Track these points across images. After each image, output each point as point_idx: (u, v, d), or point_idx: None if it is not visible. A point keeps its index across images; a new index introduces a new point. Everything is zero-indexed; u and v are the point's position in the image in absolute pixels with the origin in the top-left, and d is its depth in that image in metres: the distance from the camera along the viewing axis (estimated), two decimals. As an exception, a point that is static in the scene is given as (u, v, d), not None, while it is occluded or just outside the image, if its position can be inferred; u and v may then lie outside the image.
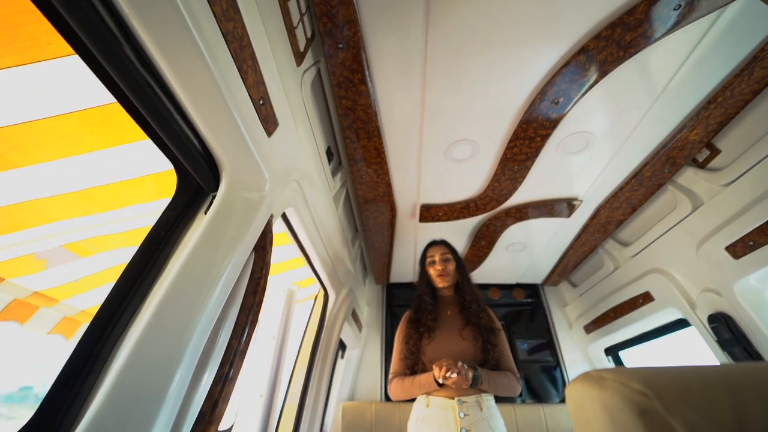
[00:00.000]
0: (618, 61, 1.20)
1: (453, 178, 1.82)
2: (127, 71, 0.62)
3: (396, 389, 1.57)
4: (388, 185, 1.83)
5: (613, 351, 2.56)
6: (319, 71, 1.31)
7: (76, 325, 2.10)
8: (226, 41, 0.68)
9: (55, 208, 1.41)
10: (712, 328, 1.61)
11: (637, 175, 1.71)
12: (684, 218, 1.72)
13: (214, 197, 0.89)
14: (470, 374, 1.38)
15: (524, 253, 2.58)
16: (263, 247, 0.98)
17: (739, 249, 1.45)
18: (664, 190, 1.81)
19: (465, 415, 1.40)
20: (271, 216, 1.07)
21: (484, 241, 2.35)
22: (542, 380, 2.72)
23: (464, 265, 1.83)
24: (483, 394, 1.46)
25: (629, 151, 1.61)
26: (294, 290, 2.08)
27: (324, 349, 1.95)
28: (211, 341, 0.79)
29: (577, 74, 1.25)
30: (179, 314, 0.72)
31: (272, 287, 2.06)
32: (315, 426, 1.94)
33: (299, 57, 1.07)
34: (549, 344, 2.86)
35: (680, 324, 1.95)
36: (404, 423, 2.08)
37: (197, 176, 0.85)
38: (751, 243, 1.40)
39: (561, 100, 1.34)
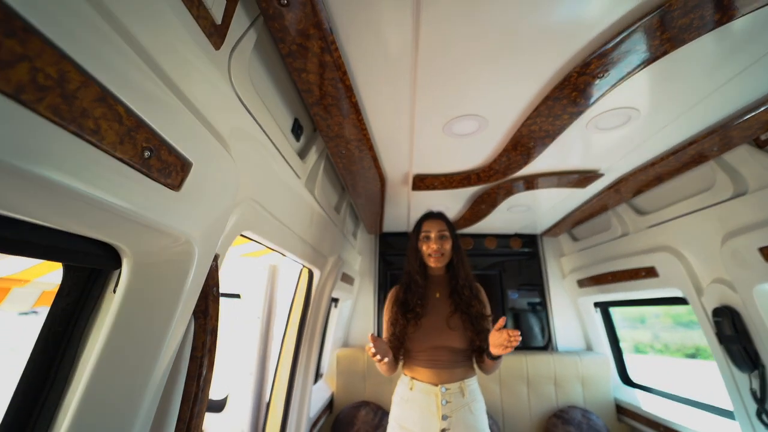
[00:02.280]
0: (706, 26, 0.80)
1: (452, 151, 1.50)
2: None
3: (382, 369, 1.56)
4: (374, 159, 1.52)
5: (602, 305, 2.59)
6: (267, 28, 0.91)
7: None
8: (39, 91, 0.37)
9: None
10: (716, 322, 1.53)
11: (678, 152, 1.39)
12: (719, 203, 1.47)
13: (120, 272, 0.66)
14: None
15: (527, 213, 2.38)
16: (204, 311, 0.79)
17: (776, 253, 1.25)
18: (704, 164, 1.51)
19: (447, 402, 1.41)
20: (216, 258, 0.85)
21: (484, 205, 2.13)
22: (529, 326, 2.83)
23: (461, 244, 1.65)
24: (466, 380, 1.47)
25: (677, 129, 1.27)
26: (276, 265, 1.96)
27: (312, 321, 1.92)
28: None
29: (640, 42, 0.85)
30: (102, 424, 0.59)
31: (252, 265, 1.93)
32: (310, 369, 1.97)
33: (218, 35, 0.69)
34: (539, 291, 2.90)
35: (679, 300, 1.88)
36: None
37: (88, 264, 0.61)
38: (794, 251, 1.20)
39: (608, 74, 0.96)
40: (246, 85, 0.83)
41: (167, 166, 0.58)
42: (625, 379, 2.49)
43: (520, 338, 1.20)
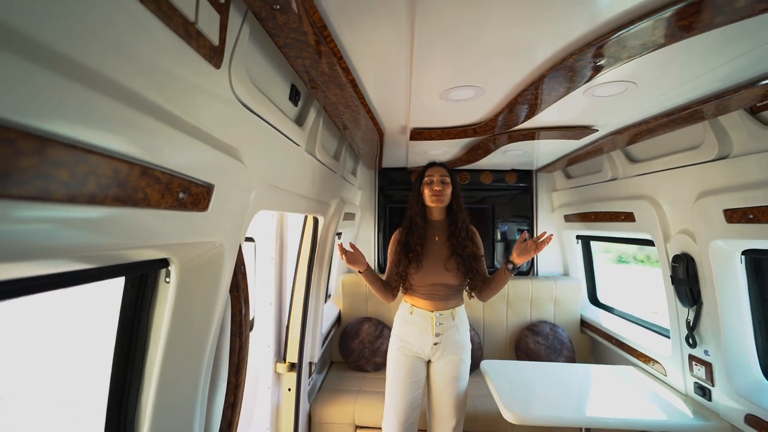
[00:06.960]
0: (714, 24, 0.78)
1: (449, 112, 1.52)
2: None
3: (379, 297, 1.87)
4: (372, 119, 1.55)
5: (584, 238, 2.83)
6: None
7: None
8: (104, 189, 0.47)
9: None
10: (673, 267, 1.75)
11: (672, 113, 1.41)
12: (702, 162, 1.54)
13: (168, 269, 0.82)
14: None
15: (524, 155, 2.43)
16: (236, 285, 0.98)
17: (735, 216, 1.39)
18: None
19: (440, 324, 1.74)
20: (240, 244, 1.00)
21: (480, 151, 2.18)
22: (514, 254, 3.13)
23: (460, 191, 1.81)
24: (456, 308, 1.78)
25: (674, 96, 1.27)
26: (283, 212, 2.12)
27: (320, 257, 2.17)
28: (211, 390, 0.94)
29: (647, 34, 0.84)
30: (176, 382, 0.84)
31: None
32: (321, 297, 2.34)
33: (217, 56, 0.71)
34: (528, 223, 3.11)
35: (648, 241, 2.09)
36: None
37: (143, 271, 0.76)
38: (750, 216, 1.33)
39: (607, 60, 0.96)
40: (246, 86, 0.86)
41: (196, 197, 0.69)
42: (594, 301, 2.88)
43: (551, 236, 1.56)
